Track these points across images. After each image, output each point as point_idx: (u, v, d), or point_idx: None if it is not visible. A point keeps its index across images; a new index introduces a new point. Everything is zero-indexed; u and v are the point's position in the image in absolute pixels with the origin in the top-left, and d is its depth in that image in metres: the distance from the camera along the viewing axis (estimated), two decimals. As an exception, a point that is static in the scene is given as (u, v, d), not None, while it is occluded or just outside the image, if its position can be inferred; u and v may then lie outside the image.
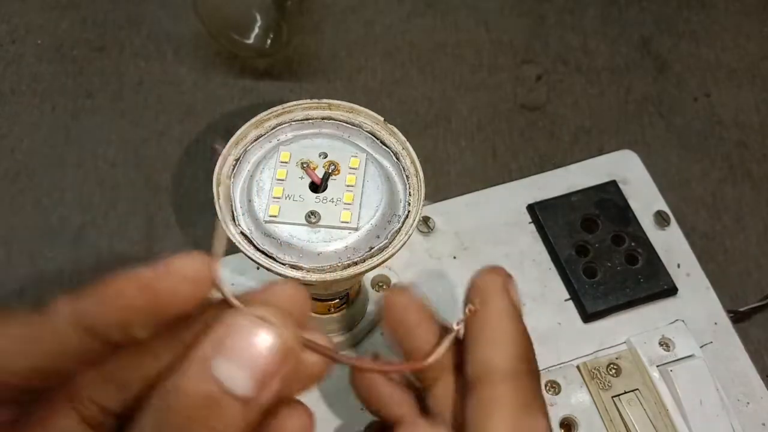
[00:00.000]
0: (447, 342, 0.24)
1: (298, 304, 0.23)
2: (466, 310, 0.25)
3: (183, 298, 0.21)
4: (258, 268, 0.49)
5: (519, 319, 0.24)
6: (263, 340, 0.20)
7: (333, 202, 0.34)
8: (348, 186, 0.35)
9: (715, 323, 0.49)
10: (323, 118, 0.37)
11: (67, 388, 0.22)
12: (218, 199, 0.34)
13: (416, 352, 0.25)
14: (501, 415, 0.21)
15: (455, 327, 0.25)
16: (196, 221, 0.55)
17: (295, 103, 0.37)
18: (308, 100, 0.37)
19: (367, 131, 0.37)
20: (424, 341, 0.25)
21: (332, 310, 0.43)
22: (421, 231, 0.51)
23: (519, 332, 0.24)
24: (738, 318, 0.51)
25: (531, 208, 0.52)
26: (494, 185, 0.55)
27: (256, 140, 0.36)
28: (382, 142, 0.37)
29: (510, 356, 0.23)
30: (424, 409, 0.25)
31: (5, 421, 0.22)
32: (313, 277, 0.33)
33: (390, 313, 0.25)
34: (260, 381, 0.20)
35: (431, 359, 0.24)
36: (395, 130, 0.37)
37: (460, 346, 0.25)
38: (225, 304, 0.22)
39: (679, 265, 0.51)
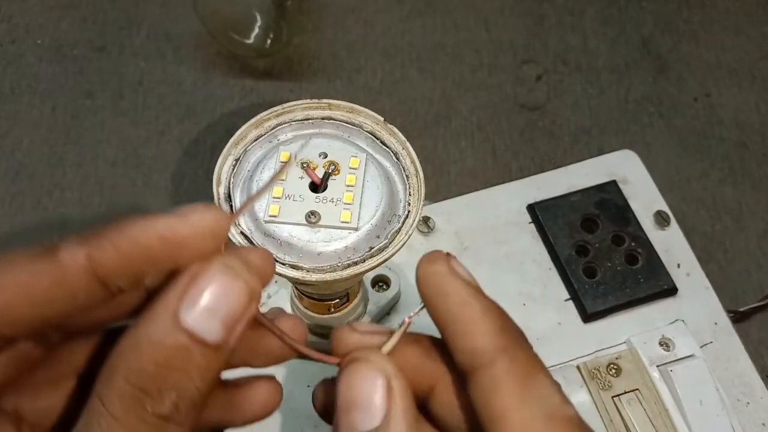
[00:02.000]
0: (396, 337, 0.24)
1: (265, 266, 0.22)
2: (420, 306, 0.24)
3: (199, 251, 0.21)
4: (258, 268, 0.49)
5: (480, 294, 0.23)
6: (229, 285, 0.20)
7: (333, 202, 0.34)
8: (348, 186, 0.35)
9: (715, 323, 0.49)
10: (323, 118, 0.37)
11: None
12: (218, 199, 0.34)
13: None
14: (506, 391, 0.21)
15: (407, 320, 0.24)
16: (196, 221, 0.55)
17: (295, 103, 0.37)
18: (308, 100, 0.37)
19: (367, 131, 0.37)
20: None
21: (332, 310, 0.43)
22: (421, 231, 0.51)
23: (487, 308, 0.23)
24: (738, 318, 0.51)
25: (531, 208, 0.52)
26: (494, 185, 0.55)
27: (256, 140, 0.36)
28: (382, 142, 0.37)
29: (490, 333, 0.22)
30: (430, 419, 0.24)
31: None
32: (313, 277, 0.33)
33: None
34: (228, 327, 0.20)
35: (386, 349, 0.23)
36: (395, 130, 0.37)
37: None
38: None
39: (679, 265, 0.51)
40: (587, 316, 0.48)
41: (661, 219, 0.52)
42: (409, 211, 0.35)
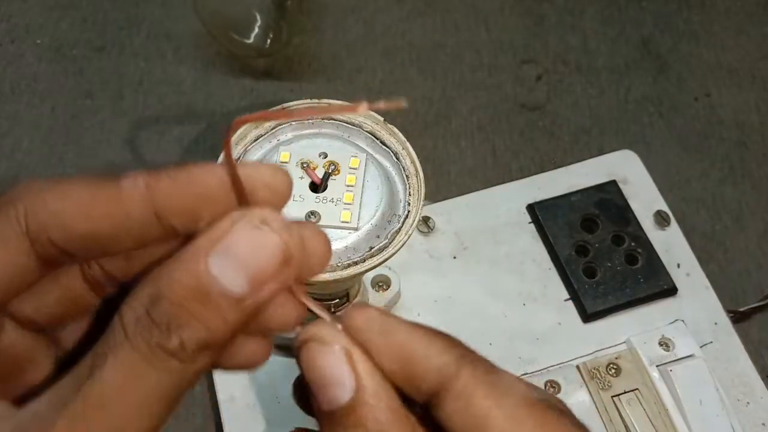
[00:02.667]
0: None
1: (280, 185, 0.22)
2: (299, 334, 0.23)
3: (259, 201, 0.21)
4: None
5: (412, 322, 0.23)
6: (263, 244, 0.20)
7: (333, 202, 0.34)
8: (348, 186, 0.35)
9: (715, 323, 0.49)
10: (323, 118, 0.37)
11: None
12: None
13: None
14: (482, 393, 0.21)
15: (293, 335, 0.23)
16: (196, 221, 0.55)
17: (295, 103, 0.37)
18: (308, 100, 0.37)
19: (367, 131, 0.37)
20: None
21: (332, 310, 0.43)
22: (421, 231, 0.51)
23: (429, 329, 0.23)
24: (738, 318, 0.51)
25: (531, 208, 0.52)
26: (494, 185, 0.55)
27: (256, 140, 0.36)
28: (382, 142, 0.37)
29: (446, 348, 0.22)
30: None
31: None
32: (313, 277, 0.33)
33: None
34: (254, 283, 0.20)
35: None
36: (395, 130, 0.37)
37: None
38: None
39: (679, 265, 0.51)
40: (587, 316, 0.48)
41: (661, 219, 0.52)
42: (409, 211, 0.35)
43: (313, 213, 0.34)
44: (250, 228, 0.20)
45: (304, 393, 0.23)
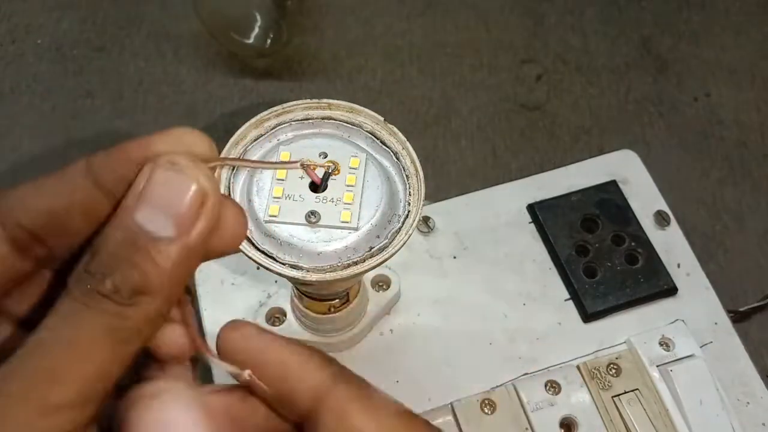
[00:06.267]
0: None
1: (202, 145, 0.24)
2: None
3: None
4: (258, 268, 0.49)
5: (286, 340, 0.23)
6: (174, 183, 0.22)
7: (333, 202, 0.34)
8: (348, 186, 0.35)
9: (715, 323, 0.49)
10: (323, 118, 0.37)
11: None
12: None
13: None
14: (356, 409, 0.22)
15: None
16: (196, 221, 0.55)
17: (295, 103, 0.37)
18: (308, 100, 0.37)
19: (367, 131, 0.37)
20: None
21: (332, 310, 0.43)
22: (421, 231, 0.51)
23: (303, 349, 0.23)
24: (738, 318, 0.51)
25: (531, 208, 0.52)
26: (494, 185, 0.55)
27: (256, 140, 0.36)
28: (382, 142, 0.37)
29: (319, 368, 0.23)
30: None
31: None
32: (313, 277, 0.33)
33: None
34: (180, 223, 0.21)
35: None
36: (395, 130, 0.37)
37: None
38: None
39: (679, 265, 0.51)
40: (587, 316, 0.48)
41: (661, 219, 0.52)
42: (409, 211, 0.35)
43: (313, 213, 0.34)
44: (161, 172, 0.22)
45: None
